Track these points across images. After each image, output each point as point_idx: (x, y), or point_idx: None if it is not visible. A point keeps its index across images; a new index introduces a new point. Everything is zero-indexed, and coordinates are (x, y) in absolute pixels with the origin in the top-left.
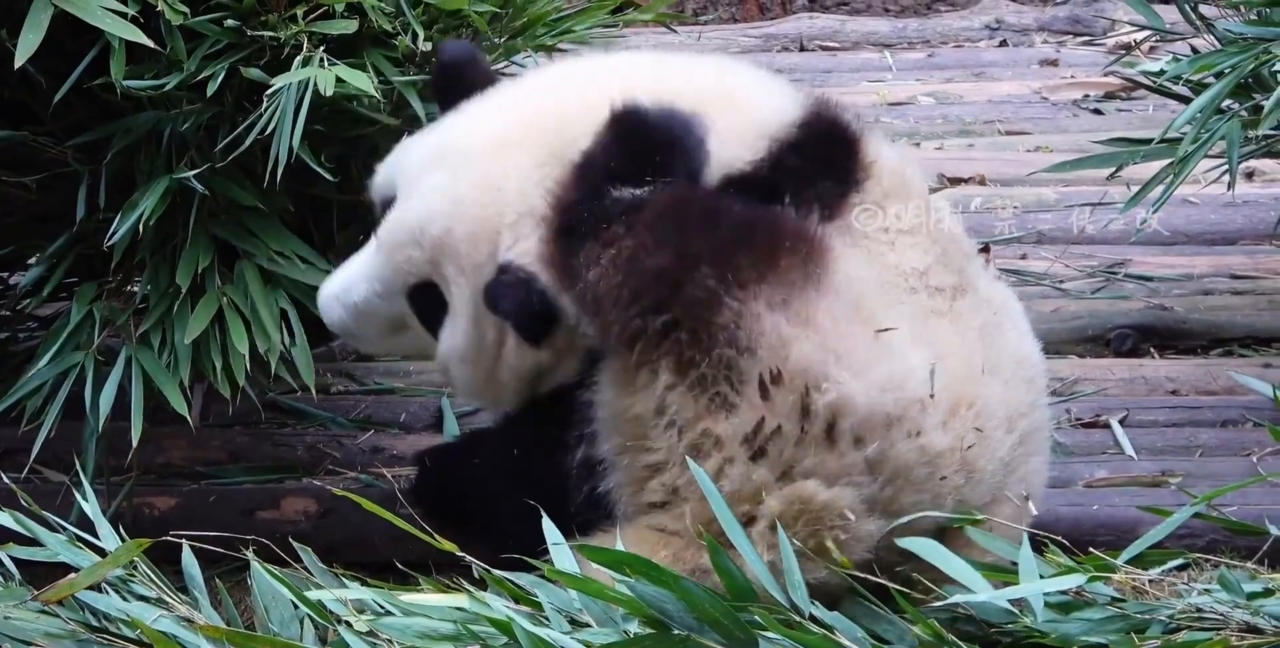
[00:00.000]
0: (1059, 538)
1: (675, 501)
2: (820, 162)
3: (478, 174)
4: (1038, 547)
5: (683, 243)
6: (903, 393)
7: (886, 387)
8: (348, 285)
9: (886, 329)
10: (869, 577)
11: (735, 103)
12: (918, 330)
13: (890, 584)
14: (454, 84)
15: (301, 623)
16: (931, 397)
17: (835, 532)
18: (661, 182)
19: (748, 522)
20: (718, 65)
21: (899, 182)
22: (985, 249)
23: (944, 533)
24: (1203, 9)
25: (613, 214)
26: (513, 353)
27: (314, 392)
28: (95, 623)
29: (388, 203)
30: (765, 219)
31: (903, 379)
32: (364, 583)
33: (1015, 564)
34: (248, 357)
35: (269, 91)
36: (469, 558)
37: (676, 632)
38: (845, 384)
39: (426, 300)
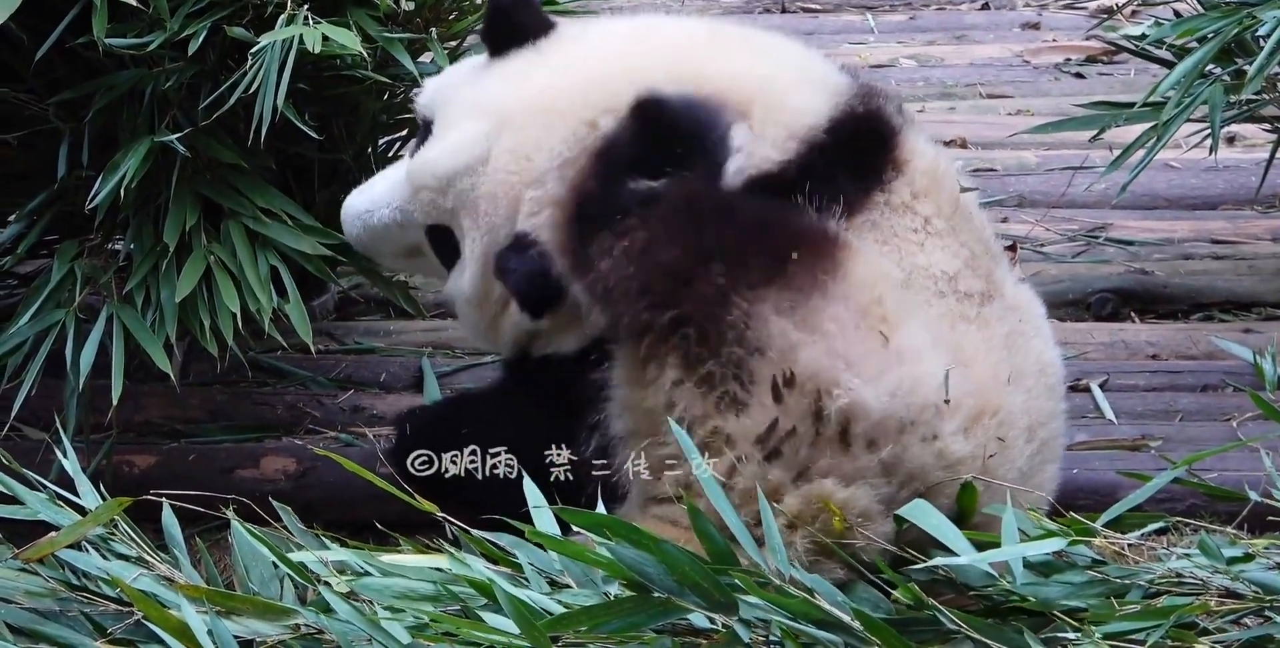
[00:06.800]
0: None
1: (688, 495)
2: (849, 162)
3: (511, 139)
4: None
5: (695, 239)
6: (916, 398)
7: (898, 392)
8: (372, 206)
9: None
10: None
11: (772, 97)
12: (942, 335)
13: (878, 542)
14: (505, 28)
15: (281, 582)
16: (947, 402)
17: (853, 531)
18: (679, 174)
19: (759, 520)
20: (766, 48)
21: (931, 182)
22: (1011, 248)
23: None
24: None
25: (628, 205)
26: (514, 315)
27: (311, 349)
28: (75, 581)
29: (427, 125)
30: (778, 221)
31: (915, 384)
32: (343, 543)
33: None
34: (238, 315)
35: (254, 50)
36: (448, 519)
37: (657, 594)
38: (856, 390)
39: (442, 241)
